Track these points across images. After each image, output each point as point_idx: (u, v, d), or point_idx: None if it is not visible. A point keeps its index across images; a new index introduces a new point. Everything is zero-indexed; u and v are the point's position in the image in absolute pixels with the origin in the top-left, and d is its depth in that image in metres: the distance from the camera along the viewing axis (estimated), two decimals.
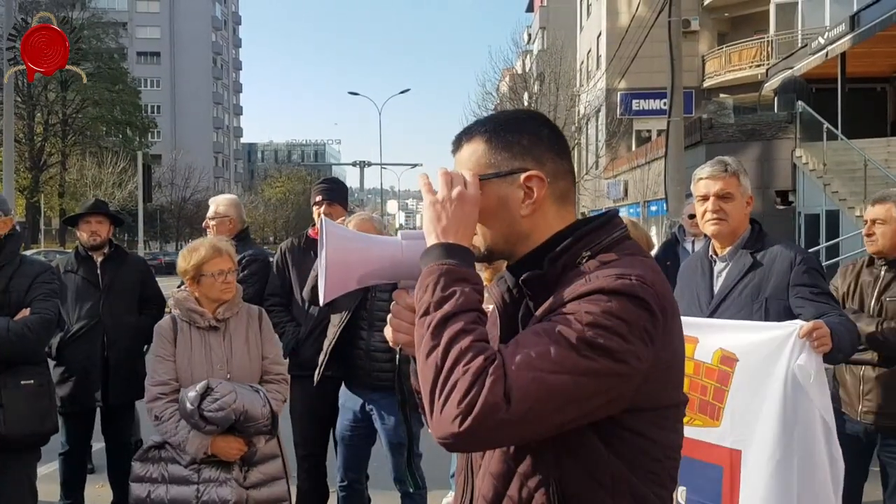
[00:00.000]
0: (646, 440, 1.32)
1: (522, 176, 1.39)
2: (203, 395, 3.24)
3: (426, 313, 1.27)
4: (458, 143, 1.47)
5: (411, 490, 3.82)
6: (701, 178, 3.05)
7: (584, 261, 1.35)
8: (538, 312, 1.33)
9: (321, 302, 1.45)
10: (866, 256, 3.60)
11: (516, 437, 1.26)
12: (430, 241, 1.35)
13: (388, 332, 1.46)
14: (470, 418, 1.19)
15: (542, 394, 1.20)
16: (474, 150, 1.43)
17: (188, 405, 3.24)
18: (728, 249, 3.01)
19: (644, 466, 1.32)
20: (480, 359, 1.21)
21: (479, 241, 1.43)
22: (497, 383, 1.19)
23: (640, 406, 1.29)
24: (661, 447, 1.34)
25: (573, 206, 1.47)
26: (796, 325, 2.58)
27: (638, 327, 1.25)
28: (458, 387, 1.20)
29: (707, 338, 2.73)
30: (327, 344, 3.95)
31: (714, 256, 3.07)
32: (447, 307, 1.26)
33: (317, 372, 3.99)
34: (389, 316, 1.45)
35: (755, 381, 2.61)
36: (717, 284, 3.02)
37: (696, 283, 3.10)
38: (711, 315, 2.97)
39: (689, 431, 2.66)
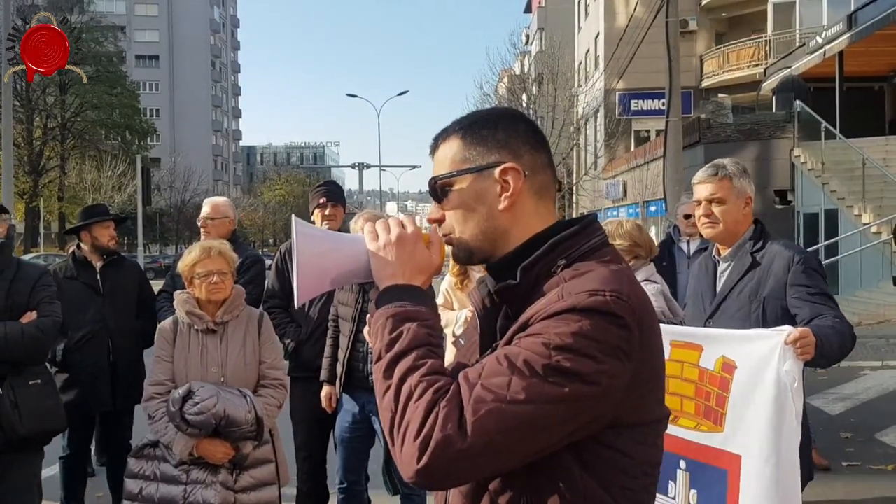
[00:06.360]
0: (624, 457, 1.28)
1: (498, 169, 1.37)
2: (185, 398, 3.26)
3: (379, 359, 1.28)
4: (435, 144, 1.45)
5: (390, 495, 3.79)
6: (696, 183, 3.11)
7: (559, 269, 1.32)
8: (511, 329, 1.30)
9: (296, 304, 1.42)
10: None
11: (484, 470, 1.24)
12: (382, 286, 1.35)
13: (367, 332, 1.46)
14: (427, 454, 1.17)
15: (501, 425, 1.18)
16: (450, 147, 1.41)
17: (171, 407, 3.28)
18: (729, 250, 3.05)
19: (620, 484, 1.29)
20: (430, 393, 1.20)
21: (459, 240, 1.41)
22: (450, 416, 1.18)
23: (621, 422, 1.27)
24: (640, 464, 1.30)
25: (552, 201, 1.43)
26: (784, 332, 2.62)
27: (611, 346, 1.22)
28: (411, 424, 1.20)
29: (710, 346, 2.78)
30: (343, 355, 3.93)
31: (717, 257, 3.11)
32: (395, 348, 1.26)
33: (338, 384, 3.96)
34: (368, 316, 1.43)
35: (750, 388, 2.66)
36: (720, 284, 3.06)
37: (701, 283, 3.16)
38: (713, 314, 3.02)
39: (697, 436, 2.73)
